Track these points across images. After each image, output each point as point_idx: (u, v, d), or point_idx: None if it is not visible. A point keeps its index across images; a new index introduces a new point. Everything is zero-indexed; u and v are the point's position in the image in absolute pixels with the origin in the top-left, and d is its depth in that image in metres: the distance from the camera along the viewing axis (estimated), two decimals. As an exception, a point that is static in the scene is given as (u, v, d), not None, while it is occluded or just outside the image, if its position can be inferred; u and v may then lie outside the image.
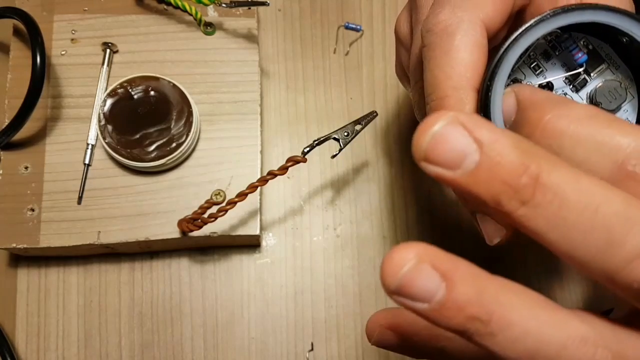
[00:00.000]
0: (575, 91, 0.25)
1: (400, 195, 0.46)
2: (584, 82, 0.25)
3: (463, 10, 0.24)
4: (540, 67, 0.25)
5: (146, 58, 0.41)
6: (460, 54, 0.24)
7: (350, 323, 0.43)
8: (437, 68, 0.24)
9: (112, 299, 0.42)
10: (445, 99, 0.24)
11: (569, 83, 0.25)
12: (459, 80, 0.24)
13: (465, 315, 0.17)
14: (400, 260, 0.18)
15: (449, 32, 0.24)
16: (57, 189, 0.39)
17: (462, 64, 0.24)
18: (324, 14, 0.48)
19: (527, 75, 0.25)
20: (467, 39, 0.24)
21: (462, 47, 0.24)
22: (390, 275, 0.18)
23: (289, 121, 0.46)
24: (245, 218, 0.40)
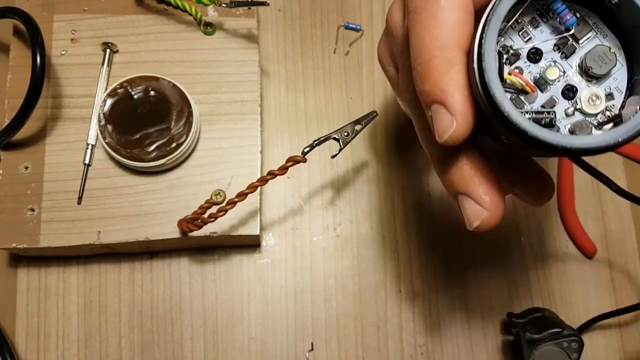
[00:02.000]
0: (565, 57, 0.25)
1: (400, 195, 0.46)
2: (573, 49, 0.25)
3: None
4: (529, 33, 0.25)
5: (146, 58, 0.41)
6: (446, 14, 0.24)
7: (350, 323, 0.43)
8: (423, 30, 0.24)
9: (112, 299, 0.42)
10: (432, 60, 0.24)
11: (557, 50, 0.25)
12: (446, 41, 0.24)
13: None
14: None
15: None
16: (57, 189, 0.39)
17: (448, 24, 0.24)
18: (324, 14, 0.48)
19: (515, 42, 0.25)
20: (452, 0, 0.24)
21: (448, 8, 0.24)
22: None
23: (289, 121, 0.46)
24: (245, 218, 0.40)
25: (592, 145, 0.22)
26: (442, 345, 0.44)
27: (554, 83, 0.25)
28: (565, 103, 0.25)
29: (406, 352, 0.43)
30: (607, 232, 0.46)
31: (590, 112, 0.24)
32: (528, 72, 0.25)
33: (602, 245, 0.46)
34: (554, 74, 0.25)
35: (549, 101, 0.25)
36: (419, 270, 0.45)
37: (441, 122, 0.24)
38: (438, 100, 0.24)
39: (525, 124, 0.22)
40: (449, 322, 0.44)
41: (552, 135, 0.22)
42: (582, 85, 0.25)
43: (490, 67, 0.23)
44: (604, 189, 0.47)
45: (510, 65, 0.25)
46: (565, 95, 0.25)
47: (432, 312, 0.44)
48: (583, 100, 0.24)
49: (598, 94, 0.24)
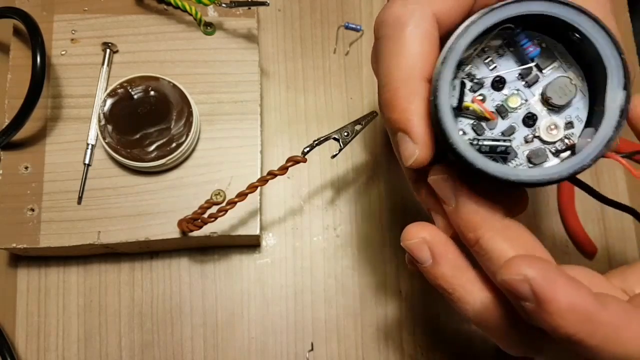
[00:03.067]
0: (527, 87, 0.26)
1: (400, 195, 0.46)
2: (536, 78, 0.26)
3: (415, 2, 0.25)
4: (494, 62, 0.26)
5: (146, 58, 0.41)
6: (411, 45, 0.24)
7: (350, 323, 0.43)
8: (389, 59, 0.25)
9: (112, 299, 0.42)
10: (397, 90, 0.25)
11: (521, 78, 0.26)
12: (410, 71, 0.24)
13: (437, 283, 0.27)
14: (413, 234, 0.27)
15: (400, 24, 0.25)
16: (57, 189, 0.39)
17: (412, 54, 0.24)
18: (324, 14, 0.48)
19: (480, 70, 0.26)
20: (418, 30, 0.25)
21: (413, 38, 0.25)
22: (404, 239, 0.27)
23: (289, 121, 0.46)
24: (245, 218, 0.40)
25: (534, 179, 0.23)
26: (442, 345, 0.44)
27: (515, 111, 0.26)
28: (525, 130, 0.26)
29: (406, 352, 0.43)
30: (607, 232, 0.46)
31: (548, 140, 0.25)
32: (491, 100, 0.26)
33: (602, 245, 0.46)
34: (516, 103, 0.26)
35: (509, 128, 0.26)
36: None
37: (405, 149, 0.25)
38: (402, 128, 0.25)
39: (470, 155, 0.23)
40: (449, 322, 0.44)
41: (497, 168, 0.23)
42: (543, 114, 0.26)
43: (443, 103, 0.23)
44: (604, 189, 0.47)
45: (474, 93, 0.26)
46: (526, 122, 0.25)
47: (432, 312, 0.44)
48: (542, 129, 0.25)
49: (557, 122, 0.25)
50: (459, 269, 0.26)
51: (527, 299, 0.21)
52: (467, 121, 0.26)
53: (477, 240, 0.25)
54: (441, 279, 0.26)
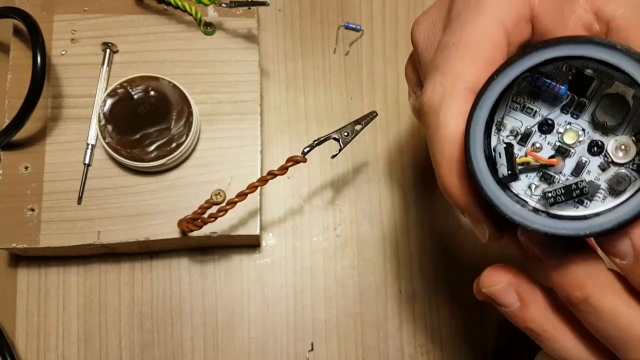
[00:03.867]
0: (576, 117, 0.24)
1: (400, 195, 0.46)
2: (582, 106, 0.24)
3: (444, 85, 0.24)
4: (532, 108, 0.25)
5: (146, 58, 0.41)
6: (447, 129, 0.24)
7: (350, 323, 0.43)
8: (432, 146, 0.25)
9: (112, 299, 0.42)
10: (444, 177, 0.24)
11: (566, 112, 0.24)
12: (452, 155, 0.24)
13: (526, 326, 0.26)
14: (496, 279, 0.26)
15: (434, 111, 0.24)
16: (57, 189, 0.39)
17: (450, 138, 0.24)
18: (324, 14, 0.48)
19: (522, 120, 0.25)
20: (450, 112, 0.24)
21: (447, 122, 0.24)
22: (486, 285, 0.26)
23: (289, 121, 0.46)
24: (245, 218, 0.40)
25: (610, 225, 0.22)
26: (442, 345, 0.44)
27: (575, 145, 0.24)
28: (596, 159, 0.24)
29: (406, 352, 0.43)
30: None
31: (623, 161, 0.23)
32: (547, 144, 0.24)
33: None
34: (573, 138, 0.24)
35: (579, 165, 0.24)
36: (419, 270, 0.45)
37: (476, 229, 0.26)
38: (464, 212, 0.25)
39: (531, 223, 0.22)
40: (449, 322, 0.44)
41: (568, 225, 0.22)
42: (606, 138, 0.24)
43: (481, 175, 0.23)
44: None
45: (525, 145, 0.25)
46: (593, 152, 0.24)
47: (432, 312, 0.44)
48: (611, 153, 0.23)
49: (623, 142, 0.23)
50: (550, 310, 0.26)
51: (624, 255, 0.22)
52: (533, 174, 0.24)
53: (585, 298, 0.23)
54: (530, 322, 0.26)
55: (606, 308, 0.23)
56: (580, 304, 0.23)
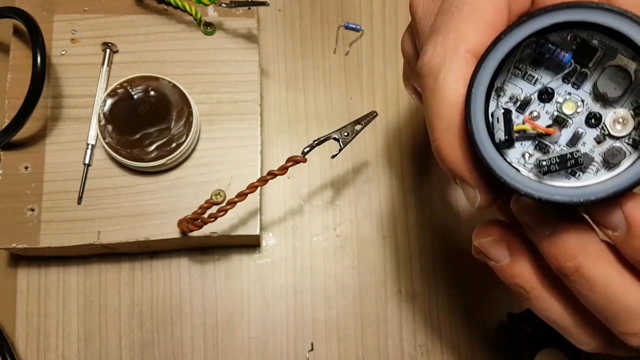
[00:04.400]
0: (577, 87, 0.24)
1: (400, 195, 0.46)
2: (584, 76, 0.24)
3: (445, 46, 0.24)
4: (534, 75, 0.24)
5: (146, 58, 0.41)
6: (446, 91, 0.23)
7: (350, 323, 0.43)
8: (429, 109, 0.24)
9: (112, 299, 0.42)
10: (440, 140, 0.24)
11: (567, 82, 0.24)
12: (450, 118, 0.24)
13: (514, 282, 0.25)
14: (489, 232, 0.26)
15: (433, 72, 0.24)
16: (57, 189, 0.39)
17: (449, 101, 0.23)
18: (324, 14, 0.48)
19: (522, 88, 0.25)
20: (451, 75, 0.23)
21: (447, 85, 0.24)
22: (477, 238, 0.26)
23: (289, 121, 0.46)
24: (245, 218, 0.40)
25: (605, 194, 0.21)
26: (442, 345, 0.44)
27: (573, 116, 0.24)
28: (592, 132, 0.24)
29: (406, 352, 0.43)
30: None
31: (621, 135, 0.23)
32: (545, 113, 0.24)
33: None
34: (571, 108, 0.24)
35: (575, 136, 0.24)
36: (419, 270, 0.45)
37: (467, 194, 0.25)
38: (458, 176, 0.24)
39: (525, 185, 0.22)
40: (449, 322, 0.44)
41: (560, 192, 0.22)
42: (605, 110, 0.24)
43: (482, 142, 0.22)
44: None
45: (523, 113, 0.24)
46: (590, 124, 0.24)
47: (432, 312, 0.44)
48: (609, 125, 0.23)
49: (622, 115, 0.23)
50: (538, 267, 0.25)
51: (616, 227, 0.22)
52: (529, 142, 0.24)
53: (577, 268, 0.23)
54: (518, 277, 0.25)
55: (598, 279, 0.23)
56: (572, 274, 0.23)
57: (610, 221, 0.22)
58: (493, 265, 0.26)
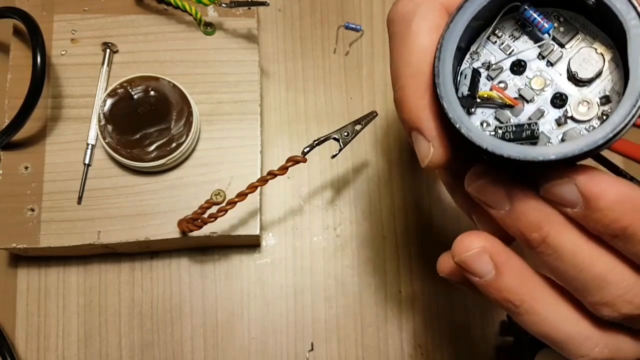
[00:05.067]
0: (550, 65, 0.24)
1: (400, 195, 0.46)
2: (559, 55, 0.24)
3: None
4: (510, 46, 0.24)
5: (146, 58, 0.41)
6: (417, 39, 0.23)
7: (350, 323, 0.43)
8: (397, 56, 0.24)
9: (112, 299, 0.42)
10: (406, 87, 0.24)
11: (542, 58, 0.24)
12: (418, 66, 0.23)
13: (502, 297, 0.23)
14: (469, 244, 0.23)
15: (406, 19, 0.24)
16: (57, 189, 0.39)
17: (420, 49, 0.23)
18: (324, 14, 0.48)
19: (497, 56, 0.25)
20: (424, 23, 0.23)
21: (419, 32, 0.23)
22: (458, 253, 0.24)
23: (289, 121, 0.46)
24: (245, 218, 0.40)
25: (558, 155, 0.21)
26: (442, 345, 0.44)
27: (540, 93, 0.24)
28: (555, 112, 0.24)
29: (406, 352, 0.43)
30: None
31: (582, 118, 0.23)
32: (513, 85, 0.24)
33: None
34: (540, 84, 0.24)
35: (537, 112, 0.24)
36: (419, 270, 0.45)
37: (420, 148, 0.24)
38: (415, 127, 0.24)
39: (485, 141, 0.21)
40: (449, 322, 0.44)
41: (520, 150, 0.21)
42: (573, 92, 0.24)
43: (444, 88, 0.22)
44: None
45: (492, 80, 0.25)
46: (555, 103, 0.24)
47: (432, 312, 0.44)
48: (573, 107, 0.23)
49: (587, 98, 0.23)
50: (525, 276, 0.24)
51: (574, 204, 0.21)
52: (490, 111, 0.24)
53: (543, 239, 0.22)
54: (506, 291, 0.23)
55: (565, 246, 0.22)
56: (540, 245, 0.22)
57: (566, 198, 0.22)
58: (477, 282, 0.24)
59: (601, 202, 0.21)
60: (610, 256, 0.22)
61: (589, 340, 0.24)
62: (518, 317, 0.24)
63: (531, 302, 0.23)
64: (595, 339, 0.24)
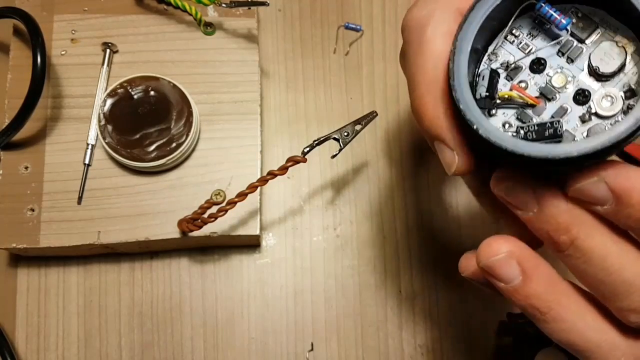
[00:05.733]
0: (571, 62, 0.24)
1: (400, 195, 0.46)
2: (579, 51, 0.23)
3: (435, 2, 0.23)
4: (529, 45, 0.24)
5: (146, 58, 0.41)
6: (433, 44, 0.23)
7: (350, 323, 0.43)
8: (413, 63, 0.24)
9: (112, 299, 0.42)
10: (423, 96, 0.23)
11: (562, 55, 0.24)
12: (434, 73, 0.23)
13: (529, 303, 0.23)
14: (496, 249, 0.23)
15: (421, 25, 0.23)
16: (57, 189, 0.39)
17: (435, 54, 0.23)
18: (324, 14, 0.48)
19: (515, 55, 0.24)
20: (440, 28, 0.23)
21: (435, 37, 0.23)
22: (484, 257, 0.23)
23: (289, 121, 0.46)
24: (245, 218, 0.40)
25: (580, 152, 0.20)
26: (442, 345, 0.44)
27: (562, 90, 0.23)
28: (578, 109, 0.23)
29: (406, 352, 0.43)
30: None
31: (607, 114, 0.22)
32: (534, 84, 0.24)
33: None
34: (561, 81, 0.23)
35: (560, 110, 0.23)
36: (419, 270, 0.45)
37: (444, 157, 0.23)
38: (436, 137, 0.23)
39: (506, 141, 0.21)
40: (449, 322, 0.44)
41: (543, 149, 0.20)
42: (596, 87, 0.23)
43: (462, 93, 0.22)
44: None
45: (511, 81, 0.24)
46: (578, 100, 0.23)
47: (432, 312, 0.44)
48: (596, 103, 0.23)
49: (611, 93, 0.22)
50: (553, 282, 0.23)
51: (604, 201, 0.20)
52: (511, 112, 0.24)
53: (572, 241, 0.22)
54: (534, 298, 0.23)
55: (595, 249, 0.22)
56: (568, 248, 0.22)
57: (595, 195, 0.21)
58: (502, 288, 0.23)
59: (633, 197, 0.20)
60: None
61: (616, 350, 0.23)
62: (544, 324, 0.23)
63: (558, 310, 0.23)
64: (622, 349, 0.23)
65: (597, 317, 0.23)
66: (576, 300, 0.23)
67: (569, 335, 0.23)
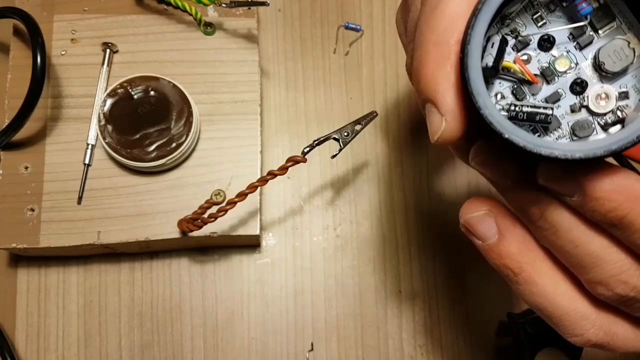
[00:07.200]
0: (579, 49, 0.23)
1: (400, 195, 0.46)
2: (590, 40, 0.23)
3: None
4: (544, 18, 0.23)
5: (146, 58, 0.41)
6: (447, 5, 0.22)
7: (350, 323, 0.43)
8: (424, 22, 0.23)
9: (112, 299, 0.42)
10: (427, 55, 0.22)
11: (573, 39, 0.23)
12: (444, 34, 0.22)
13: (502, 262, 0.24)
14: (476, 206, 0.24)
15: None
16: (57, 189, 0.39)
17: (448, 16, 0.22)
18: (324, 14, 0.48)
19: (527, 26, 0.23)
20: None
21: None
22: (465, 214, 0.24)
23: (289, 121, 0.46)
24: (245, 218, 0.40)
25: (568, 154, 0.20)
26: (442, 345, 0.44)
27: (562, 75, 0.23)
28: (572, 98, 0.23)
29: (406, 352, 0.43)
30: None
31: (597, 111, 0.22)
32: (537, 61, 0.23)
33: None
34: (564, 65, 0.23)
35: (554, 94, 0.23)
36: (419, 270, 0.45)
37: (432, 122, 0.22)
38: (430, 99, 0.23)
39: (499, 122, 0.20)
40: (449, 322, 0.44)
41: (529, 140, 0.20)
42: (594, 81, 0.23)
43: (472, 58, 0.21)
44: None
45: (517, 52, 0.23)
46: (574, 89, 0.23)
47: (432, 312, 0.44)
48: (590, 98, 0.22)
49: (608, 92, 0.22)
50: (527, 244, 0.24)
51: (572, 192, 0.21)
52: (507, 84, 0.23)
53: (542, 213, 0.22)
54: (507, 257, 0.24)
55: (562, 222, 0.22)
56: (538, 219, 0.23)
57: (565, 187, 0.22)
58: (479, 245, 0.24)
59: (597, 192, 0.21)
60: (607, 235, 0.22)
61: (585, 320, 0.24)
62: (516, 285, 0.24)
63: (530, 272, 0.24)
64: (591, 320, 0.24)
65: (569, 286, 0.24)
66: (549, 267, 0.24)
67: (538, 298, 0.24)
